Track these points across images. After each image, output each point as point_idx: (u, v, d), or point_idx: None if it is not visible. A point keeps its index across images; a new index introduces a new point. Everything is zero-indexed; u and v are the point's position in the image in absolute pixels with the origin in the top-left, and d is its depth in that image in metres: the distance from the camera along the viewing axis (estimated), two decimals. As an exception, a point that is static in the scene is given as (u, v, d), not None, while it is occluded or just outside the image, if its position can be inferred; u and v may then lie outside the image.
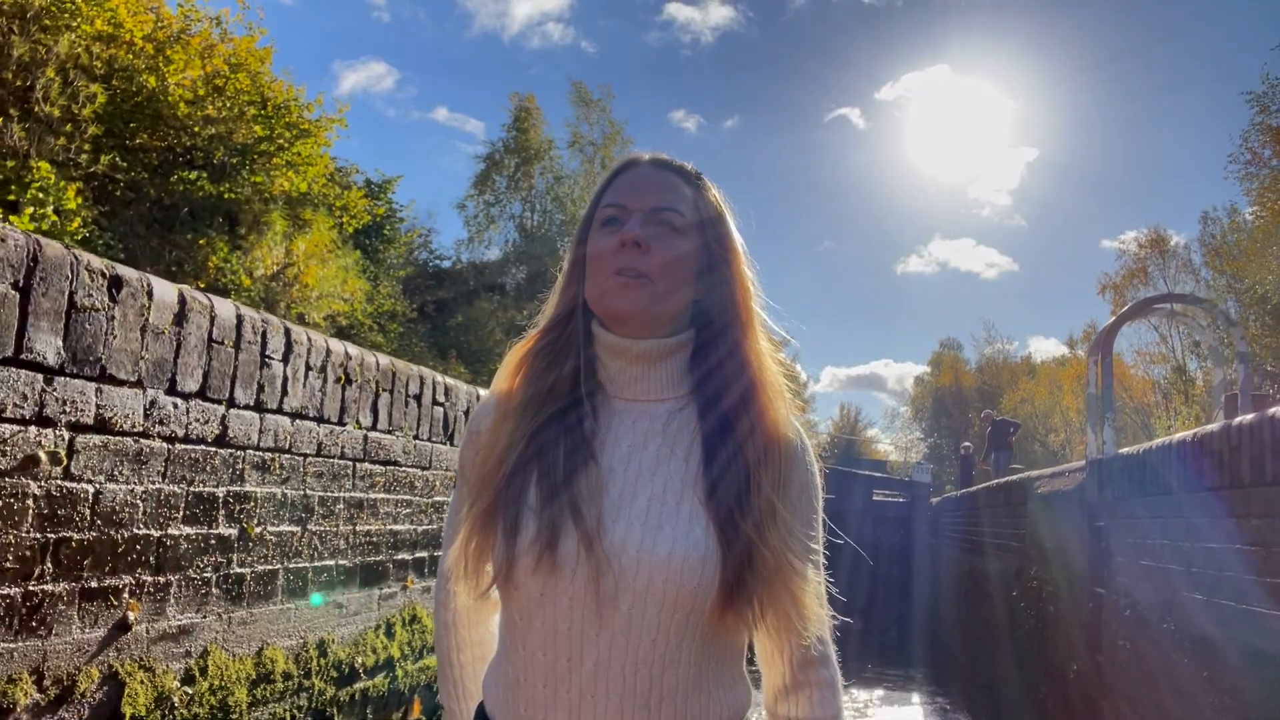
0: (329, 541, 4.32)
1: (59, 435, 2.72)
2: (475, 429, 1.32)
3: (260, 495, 3.70)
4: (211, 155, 10.71)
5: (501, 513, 1.16)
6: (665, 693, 1.12)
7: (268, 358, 3.71)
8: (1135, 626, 4.58)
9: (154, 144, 10.23)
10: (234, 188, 10.87)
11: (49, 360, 2.68)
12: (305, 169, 11.86)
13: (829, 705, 1.23)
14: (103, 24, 9.45)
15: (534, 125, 27.63)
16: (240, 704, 3.51)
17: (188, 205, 10.44)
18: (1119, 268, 30.23)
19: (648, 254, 1.19)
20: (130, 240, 9.60)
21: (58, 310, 2.68)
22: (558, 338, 1.28)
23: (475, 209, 27.50)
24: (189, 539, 3.30)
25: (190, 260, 10.19)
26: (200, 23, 11.15)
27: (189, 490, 3.29)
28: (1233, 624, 3.66)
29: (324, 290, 11.94)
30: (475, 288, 22.57)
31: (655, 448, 1.20)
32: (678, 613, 1.10)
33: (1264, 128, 17.84)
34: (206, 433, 3.37)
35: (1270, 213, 17.90)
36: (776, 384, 1.25)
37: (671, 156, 1.31)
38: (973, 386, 47.34)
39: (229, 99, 10.67)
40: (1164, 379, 28.26)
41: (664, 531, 1.12)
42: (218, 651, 3.45)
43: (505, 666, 1.21)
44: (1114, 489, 5.07)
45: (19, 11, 8.43)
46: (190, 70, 10.09)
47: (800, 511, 1.22)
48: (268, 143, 11.44)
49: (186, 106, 9.91)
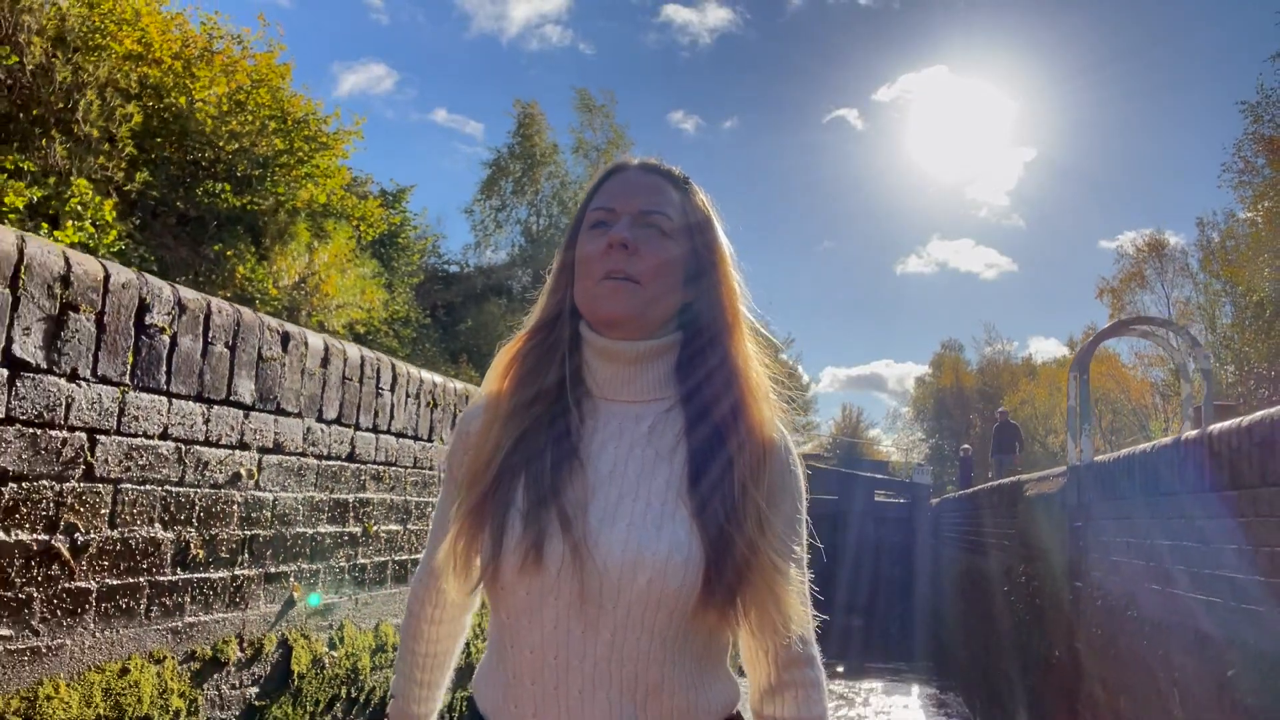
0: (422, 538, 4.94)
1: (252, 456, 3.46)
2: (464, 429, 1.33)
3: (375, 500, 4.41)
4: (235, 168, 11.08)
5: (489, 513, 1.18)
6: (652, 690, 1.13)
7: (380, 389, 4.43)
8: (1105, 615, 5.04)
9: (180, 157, 10.63)
10: (256, 199, 11.24)
11: (246, 400, 3.40)
12: (324, 180, 12.25)
13: (814, 705, 1.24)
14: (133, 43, 9.84)
15: (538, 131, 28.00)
16: (365, 668, 4.24)
17: (214, 217, 10.83)
18: (1117, 271, 30.55)
19: (636, 257, 1.21)
20: (161, 251, 10.01)
21: (251, 361, 3.43)
22: (546, 339, 1.29)
23: (482, 214, 27.90)
24: (331, 536, 4.04)
25: (218, 270, 10.60)
26: (223, 39, 11.54)
27: (330, 497, 4.02)
28: (1181, 612, 4.10)
29: (343, 299, 12.36)
30: (483, 291, 22.92)
31: (641, 449, 1.22)
32: (662, 611, 1.12)
33: (1257, 137, 18.24)
34: (341, 451, 4.08)
35: (1264, 219, 18.25)
36: (762, 387, 1.27)
37: (660, 160, 1.33)
38: (974, 388, 47.60)
39: (250, 113, 11.04)
40: (1162, 381, 28.59)
41: (649, 532, 1.14)
42: (349, 625, 4.16)
43: (496, 667, 1.22)
44: (1088, 494, 5.53)
45: (59, 36, 8.85)
46: (216, 87, 10.48)
47: (783, 511, 1.23)
48: (288, 155, 11.80)
49: (213, 122, 10.30)
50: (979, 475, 22.39)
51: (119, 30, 9.70)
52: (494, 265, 26.12)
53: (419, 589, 1.40)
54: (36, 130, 8.53)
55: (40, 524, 2.55)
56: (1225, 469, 3.93)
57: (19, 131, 8.39)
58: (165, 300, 3.01)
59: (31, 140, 8.52)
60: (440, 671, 1.43)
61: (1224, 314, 23.76)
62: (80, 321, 2.67)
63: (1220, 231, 22.12)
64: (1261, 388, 16.74)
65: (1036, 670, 6.96)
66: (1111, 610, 5.08)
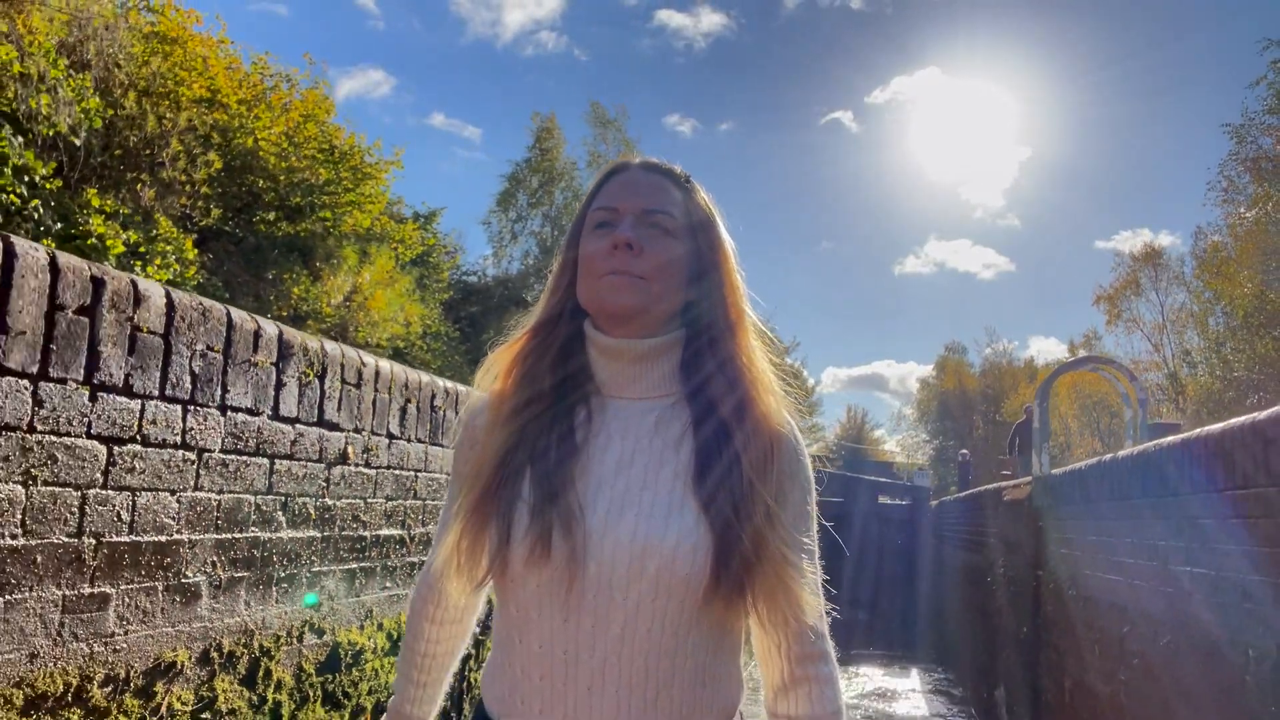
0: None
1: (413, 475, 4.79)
2: (469, 427, 1.33)
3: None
4: (288, 198, 12.13)
5: (496, 507, 1.18)
6: (662, 683, 1.13)
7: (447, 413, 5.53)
8: (1055, 595, 6.19)
9: (242, 191, 11.70)
10: (308, 226, 12.29)
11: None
12: (369, 207, 13.31)
13: (829, 701, 1.22)
14: (202, 89, 10.90)
15: (556, 145, 28.81)
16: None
17: (271, 244, 11.90)
18: (1113, 280, 31.36)
19: (640, 256, 1.21)
20: (228, 278, 11.09)
21: (425, 411, 4.84)
22: (549, 337, 1.29)
23: (499, 226, 28.74)
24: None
25: (275, 293, 11.66)
26: (272, 77, 12.62)
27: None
28: (1101, 589, 5.19)
29: (385, 316, 13.43)
30: (500, 301, 23.78)
31: (648, 443, 1.22)
32: (673, 600, 1.12)
33: (1240, 158, 19.18)
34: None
35: (1248, 234, 19.17)
36: (767, 380, 1.26)
37: (661, 160, 1.33)
38: (976, 391, 48.29)
39: (298, 145, 12.08)
40: (1156, 386, 29.40)
41: (656, 522, 1.14)
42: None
43: (504, 662, 1.21)
44: (1045, 499, 6.68)
45: (144, 87, 9.92)
46: (275, 127, 11.55)
47: (792, 501, 1.23)
48: (335, 185, 12.85)
49: (274, 160, 11.37)
50: (984, 477, 23.12)
51: (189, 76, 10.77)
52: (509, 275, 26.94)
53: (423, 588, 1.40)
54: (128, 174, 9.61)
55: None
56: (1118, 484, 5.05)
57: (112, 176, 9.47)
58: (363, 364, 4.08)
59: (123, 183, 9.59)
60: (439, 673, 1.43)
61: (1216, 322, 24.50)
62: (297, 379, 3.75)
63: (1208, 244, 22.95)
64: (1244, 395, 17.67)
65: (1010, 648, 8.17)
66: (1059, 590, 6.22)
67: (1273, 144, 18.39)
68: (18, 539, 2.61)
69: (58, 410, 2.73)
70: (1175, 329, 28.21)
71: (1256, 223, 18.68)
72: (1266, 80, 18.28)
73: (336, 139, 13.03)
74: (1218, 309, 23.56)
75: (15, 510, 2.61)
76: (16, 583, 2.61)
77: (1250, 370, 18.33)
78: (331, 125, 13.25)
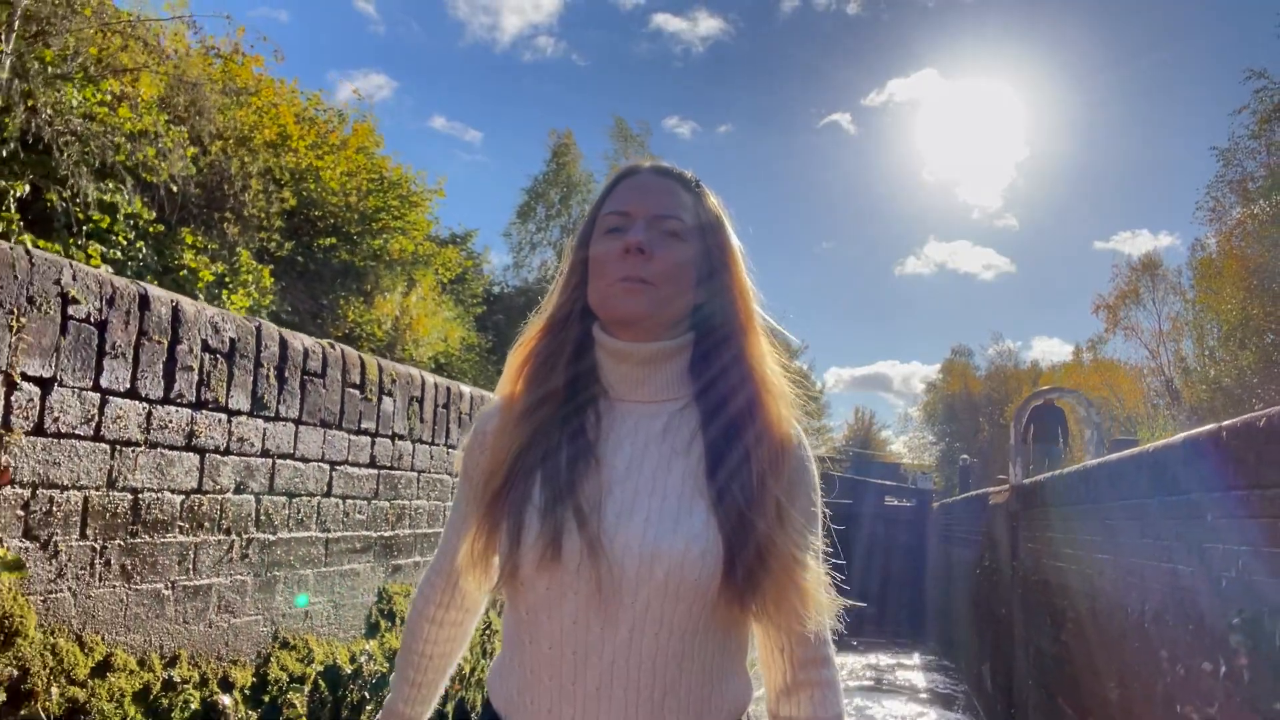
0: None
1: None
2: (480, 431, 1.34)
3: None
4: (343, 226, 13.34)
5: (506, 510, 1.19)
6: (670, 686, 1.14)
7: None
8: (1024, 582, 7.50)
9: (304, 224, 12.92)
10: (359, 252, 13.48)
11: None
12: (414, 233, 14.50)
13: (830, 705, 1.23)
14: (272, 134, 12.12)
15: (572, 160, 29.87)
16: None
17: (329, 271, 13.12)
18: (1112, 289, 32.07)
19: (651, 260, 1.22)
20: (294, 303, 12.32)
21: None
22: (557, 338, 1.30)
23: (519, 237, 29.80)
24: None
25: (332, 316, 12.88)
26: (325, 111, 13.85)
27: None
28: (1055, 573, 6.43)
29: (428, 334, 14.65)
30: (522, 310, 24.75)
31: (657, 446, 1.23)
32: (681, 604, 1.13)
33: (1225, 180, 20.24)
34: None
35: (1233, 251, 20.18)
36: (776, 384, 1.27)
37: (671, 164, 1.34)
38: (981, 393, 49.05)
39: (353, 175, 13.25)
40: (1153, 390, 30.26)
41: (666, 526, 1.15)
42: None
43: (513, 664, 1.22)
44: (1020, 503, 7.97)
45: (227, 135, 11.15)
46: (339, 167, 12.76)
47: (799, 503, 1.23)
48: (384, 212, 14.04)
49: (337, 197, 12.58)
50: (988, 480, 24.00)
51: (263, 121, 11.99)
52: (529, 285, 27.96)
53: (426, 588, 1.41)
54: (214, 214, 10.84)
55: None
56: (1069, 491, 6.29)
57: (202, 216, 10.71)
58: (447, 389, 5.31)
59: (210, 222, 10.83)
60: (436, 674, 1.43)
61: (1212, 332, 25.29)
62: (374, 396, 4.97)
63: (1198, 260, 23.78)
64: (1230, 406, 18.61)
65: (991, 628, 9.49)
66: (1027, 577, 7.51)
67: (1256, 167, 19.48)
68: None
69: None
70: (1171, 338, 29.08)
71: (1243, 239, 19.74)
72: (1249, 108, 19.37)
73: (385, 169, 14.23)
74: (1209, 321, 24.34)
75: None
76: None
77: (1236, 381, 19.35)
78: (379, 157, 14.45)
